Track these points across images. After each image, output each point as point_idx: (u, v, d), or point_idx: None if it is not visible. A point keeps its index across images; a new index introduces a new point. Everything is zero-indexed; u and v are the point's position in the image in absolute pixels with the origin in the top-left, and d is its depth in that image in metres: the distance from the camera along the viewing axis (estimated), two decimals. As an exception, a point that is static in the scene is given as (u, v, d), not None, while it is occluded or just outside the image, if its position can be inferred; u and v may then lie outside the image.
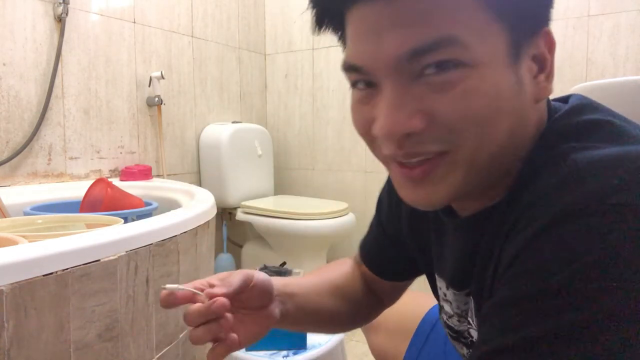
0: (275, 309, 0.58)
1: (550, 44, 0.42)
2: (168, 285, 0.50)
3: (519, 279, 0.35)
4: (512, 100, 0.40)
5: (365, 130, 0.45)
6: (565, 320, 0.31)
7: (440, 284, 0.58)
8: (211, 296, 0.49)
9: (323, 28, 0.46)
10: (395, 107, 0.40)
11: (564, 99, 0.47)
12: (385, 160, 0.47)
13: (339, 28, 0.45)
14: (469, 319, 0.53)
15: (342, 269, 0.75)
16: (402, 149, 0.41)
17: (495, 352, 0.34)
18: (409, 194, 0.45)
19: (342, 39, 0.46)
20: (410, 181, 0.43)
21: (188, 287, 0.51)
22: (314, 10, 0.45)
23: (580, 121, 0.42)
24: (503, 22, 0.39)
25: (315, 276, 0.71)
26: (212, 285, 0.52)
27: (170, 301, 0.50)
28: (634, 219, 0.31)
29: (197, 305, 0.50)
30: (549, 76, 0.43)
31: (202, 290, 0.51)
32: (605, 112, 0.43)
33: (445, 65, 0.38)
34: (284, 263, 1.14)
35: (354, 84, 0.45)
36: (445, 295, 0.57)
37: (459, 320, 0.56)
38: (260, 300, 0.56)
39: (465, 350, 0.57)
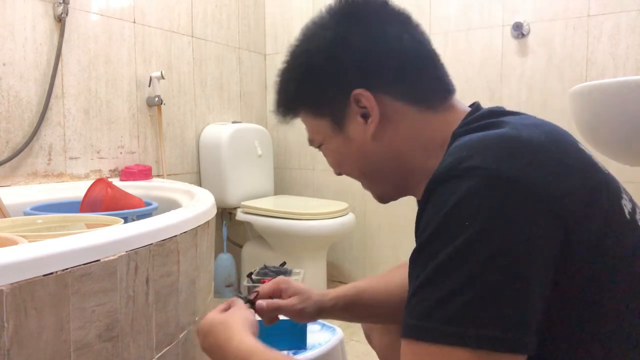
0: (308, 308, 0.79)
1: (368, 99, 0.60)
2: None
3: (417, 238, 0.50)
4: (345, 148, 0.64)
5: None
6: (439, 258, 0.43)
7: None
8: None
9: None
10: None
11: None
12: None
13: None
14: None
15: None
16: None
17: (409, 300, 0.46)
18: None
19: None
20: None
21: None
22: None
23: (468, 122, 0.57)
24: (322, 118, 0.65)
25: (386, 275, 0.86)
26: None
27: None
28: (475, 177, 0.44)
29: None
30: (373, 120, 0.60)
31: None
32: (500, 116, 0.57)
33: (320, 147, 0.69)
34: (284, 263, 1.15)
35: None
36: None
37: None
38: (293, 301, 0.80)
39: None
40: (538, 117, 0.57)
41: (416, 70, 0.61)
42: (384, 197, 0.69)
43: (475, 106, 0.62)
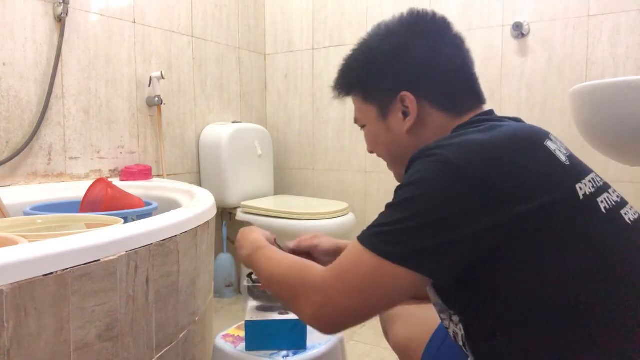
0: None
1: (412, 102, 0.73)
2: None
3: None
4: (384, 135, 0.78)
5: None
6: (397, 203, 0.62)
7: None
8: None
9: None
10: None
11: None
12: None
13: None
14: None
15: None
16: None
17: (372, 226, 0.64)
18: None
19: None
20: None
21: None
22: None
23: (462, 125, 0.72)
24: (371, 104, 0.78)
25: None
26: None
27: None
28: (436, 159, 0.61)
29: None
30: (411, 119, 0.74)
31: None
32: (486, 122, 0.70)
33: (361, 125, 0.83)
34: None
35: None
36: None
37: None
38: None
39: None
40: (524, 124, 0.71)
41: (457, 88, 0.74)
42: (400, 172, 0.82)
43: (486, 111, 0.74)
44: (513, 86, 1.97)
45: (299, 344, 1.09)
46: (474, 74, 0.77)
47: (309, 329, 1.10)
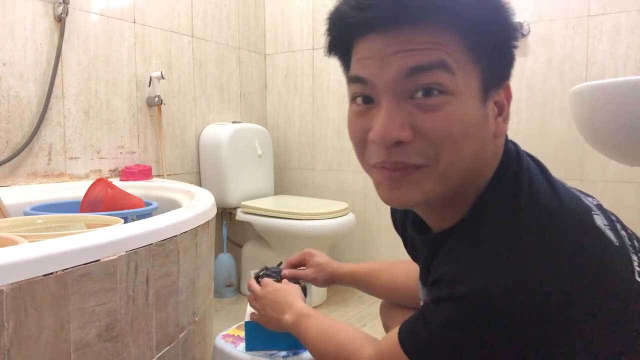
0: (320, 278, 0.97)
1: (509, 95, 0.55)
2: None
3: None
4: (478, 129, 0.51)
5: (360, 138, 0.54)
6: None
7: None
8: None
9: (333, 52, 0.57)
10: (390, 117, 0.49)
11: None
12: (370, 168, 0.56)
13: (346, 53, 0.55)
14: None
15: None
16: (390, 157, 0.51)
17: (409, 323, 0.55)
18: (387, 194, 0.54)
19: (346, 61, 0.56)
20: (391, 182, 0.53)
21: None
22: (328, 38, 0.56)
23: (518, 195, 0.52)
24: (479, 66, 0.50)
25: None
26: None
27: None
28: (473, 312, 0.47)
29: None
30: (506, 119, 0.55)
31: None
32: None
33: (433, 91, 0.48)
34: (280, 263, 1.15)
35: (353, 98, 0.54)
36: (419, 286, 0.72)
37: None
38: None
39: None
40: (568, 193, 0.54)
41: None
42: (432, 197, 0.54)
43: (504, 161, 0.56)
44: (513, 86, 1.96)
45: (299, 345, 1.09)
46: None
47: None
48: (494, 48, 0.51)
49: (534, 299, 0.45)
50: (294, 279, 1.00)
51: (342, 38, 0.55)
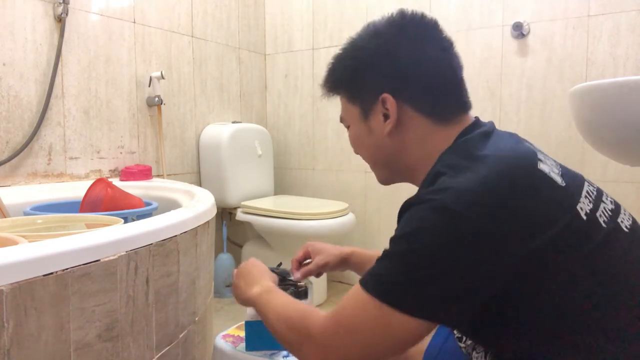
0: (331, 262, 1.02)
1: (392, 105, 0.72)
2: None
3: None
4: (367, 137, 0.77)
5: None
6: (403, 252, 0.60)
7: None
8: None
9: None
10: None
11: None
12: None
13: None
14: None
15: None
16: None
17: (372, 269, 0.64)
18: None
19: None
20: None
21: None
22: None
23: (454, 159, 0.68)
24: (354, 105, 0.77)
25: None
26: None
27: None
28: (435, 205, 0.59)
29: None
30: (391, 122, 0.72)
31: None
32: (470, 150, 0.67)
33: (346, 126, 0.82)
34: (280, 264, 1.15)
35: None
36: None
37: None
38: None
39: None
40: (512, 144, 0.67)
41: (441, 92, 0.72)
42: (385, 181, 0.82)
43: (469, 126, 0.72)
44: (513, 86, 1.97)
45: (299, 344, 1.08)
46: (461, 79, 0.74)
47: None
48: (358, 89, 0.76)
49: (478, 205, 0.57)
50: (307, 276, 1.04)
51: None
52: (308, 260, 1.06)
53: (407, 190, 0.78)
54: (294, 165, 2.60)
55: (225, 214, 2.31)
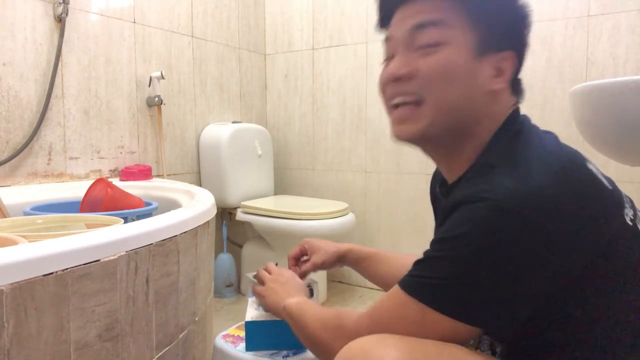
0: (329, 259, 1.00)
1: (511, 65, 0.64)
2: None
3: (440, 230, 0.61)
4: (465, 76, 0.62)
5: (383, 84, 0.69)
6: (450, 257, 0.56)
7: None
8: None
9: (382, 26, 0.71)
10: (399, 61, 0.65)
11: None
12: (389, 109, 0.69)
13: (388, 24, 0.70)
14: None
15: None
16: (394, 89, 0.66)
17: (419, 261, 0.60)
18: (394, 129, 0.68)
19: (385, 25, 0.71)
20: (397, 121, 0.67)
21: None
22: (380, 15, 0.71)
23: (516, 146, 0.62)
24: (476, 28, 0.62)
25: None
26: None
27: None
28: (486, 209, 0.54)
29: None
30: (502, 81, 0.63)
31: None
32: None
33: (430, 41, 0.62)
34: (276, 264, 1.15)
35: (384, 60, 0.70)
36: None
37: None
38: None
39: None
40: (559, 143, 0.64)
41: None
42: (415, 138, 0.66)
43: (515, 112, 0.67)
44: (513, 86, 1.97)
45: (299, 344, 1.09)
46: None
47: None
48: (492, 16, 0.63)
49: (533, 202, 0.53)
50: (305, 275, 1.02)
51: (387, 13, 0.70)
52: (305, 258, 1.05)
53: (406, 191, 0.78)
54: (294, 165, 2.60)
55: (225, 214, 2.31)
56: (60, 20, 1.59)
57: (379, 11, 0.71)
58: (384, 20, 0.70)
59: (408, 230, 2.23)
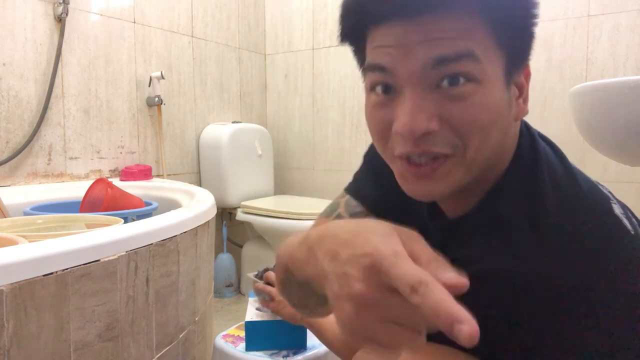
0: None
1: (528, 75, 0.54)
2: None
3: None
4: (504, 115, 0.50)
5: (382, 129, 0.52)
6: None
7: None
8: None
9: (347, 41, 0.54)
10: (417, 109, 0.47)
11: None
12: (393, 158, 0.53)
13: (360, 41, 0.52)
14: None
15: None
16: (418, 147, 0.48)
17: None
18: (412, 187, 0.52)
19: (360, 49, 0.53)
20: (416, 177, 0.51)
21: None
22: (342, 26, 0.53)
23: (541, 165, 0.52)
24: (503, 50, 0.49)
25: None
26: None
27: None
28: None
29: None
30: (525, 100, 0.54)
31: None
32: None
33: (459, 80, 0.46)
34: (274, 267, 1.14)
35: (372, 88, 0.51)
36: None
37: None
38: None
39: None
40: (585, 179, 0.54)
41: None
42: (463, 184, 0.51)
43: (521, 144, 0.55)
44: (513, 86, 1.97)
45: (299, 344, 1.09)
46: None
47: (309, 329, 1.10)
48: (517, 29, 0.50)
49: (550, 283, 0.45)
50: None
51: (358, 26, 0.51)
52: None
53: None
54: (294, 165, 2.60)
55: (225, 214, 2.31)
56: (60, 20, 1.58)
57: (347, 17, 0.52)
58: (358, 30, 0.52)
59: (408, 230, 2.22)
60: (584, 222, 0.48)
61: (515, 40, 0.50)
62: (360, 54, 0.54)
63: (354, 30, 0.52)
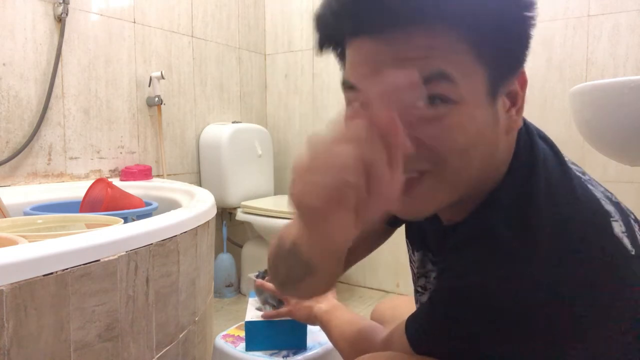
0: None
1: (523, 82, 0.49)
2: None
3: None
4: (487, 134, 0.47)
5: None
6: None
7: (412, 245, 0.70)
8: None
9: (324, 49, 0.52)
10: None
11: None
12: None
13: (339, 47, 0.51)
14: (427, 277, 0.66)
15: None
16: None
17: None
18: (406, 209, 0.50)
19: (341, 57, 0.51)
20: (407, 194, 0.48)
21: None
22: (318, 35, 0.51)
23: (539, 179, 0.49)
24: (484, 64, 0.45)
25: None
26: None
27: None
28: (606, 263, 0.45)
29: None
30: (519, 110, 0.49)
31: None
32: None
33: (434, 100, 0.44)
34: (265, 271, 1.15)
35: (349, 102, 0.50)
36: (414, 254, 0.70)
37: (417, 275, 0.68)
38: None
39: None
40: (586, 193, 0.51)
41: None
42: (452, 200, 0.50)
43: (517, 153, 0.52)
44: (513, 86, 1.97)
45: (299, 344, 1.09)
46: None
47: (309, 328, 1.10)
48: (505, 38, 0.46)
49: (526, 302, 0.44)
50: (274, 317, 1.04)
51: (330, 39, 0.50)
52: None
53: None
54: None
55: (225, 214, 2.31)
56: (60, 20, 1.58)
57: (323, 27, 0.50)
58: (331, 44, 0.51)
59: (408, 230, 2.22)
60: (578, 250, 0.45)
61: (500, 50, 0.46)
62: (341, 64, 0.52)
63: (328, 43, 0.51)
